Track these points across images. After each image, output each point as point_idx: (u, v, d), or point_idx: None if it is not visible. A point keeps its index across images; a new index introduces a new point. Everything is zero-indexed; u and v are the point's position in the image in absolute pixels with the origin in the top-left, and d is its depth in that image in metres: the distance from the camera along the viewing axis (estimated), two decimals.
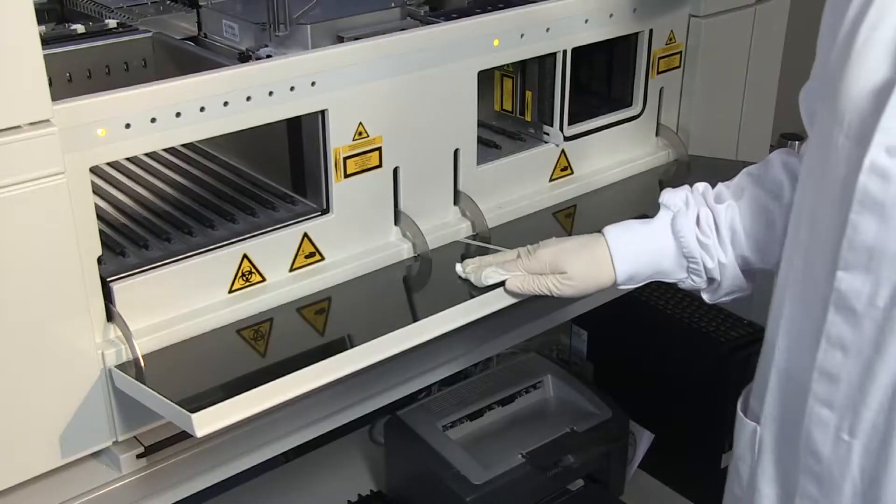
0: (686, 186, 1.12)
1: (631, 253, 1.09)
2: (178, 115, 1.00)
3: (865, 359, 0.85)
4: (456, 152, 1.26)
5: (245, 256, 1.10)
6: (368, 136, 1.15)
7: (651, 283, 1.12)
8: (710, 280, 1.10)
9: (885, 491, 0.86)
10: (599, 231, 1.11)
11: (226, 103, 1.03)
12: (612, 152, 1.48)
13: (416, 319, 1.08)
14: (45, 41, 1.03)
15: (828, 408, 0.90)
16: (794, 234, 0.96)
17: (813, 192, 0.92)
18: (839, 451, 0.89)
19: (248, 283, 1.11)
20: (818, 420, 0.91)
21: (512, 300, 1.13)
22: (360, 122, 1.14)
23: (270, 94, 1.06)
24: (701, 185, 1.11)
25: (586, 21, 1.34)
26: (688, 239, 1.08)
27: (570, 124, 1.40)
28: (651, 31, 1.45)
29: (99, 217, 0.99)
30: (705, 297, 1.13)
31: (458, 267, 1.15)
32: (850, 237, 0.83)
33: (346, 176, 1.15)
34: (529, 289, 1.10)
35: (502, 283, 1.11)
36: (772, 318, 1.01)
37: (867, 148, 0.81)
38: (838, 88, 0.85)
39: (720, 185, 1.12)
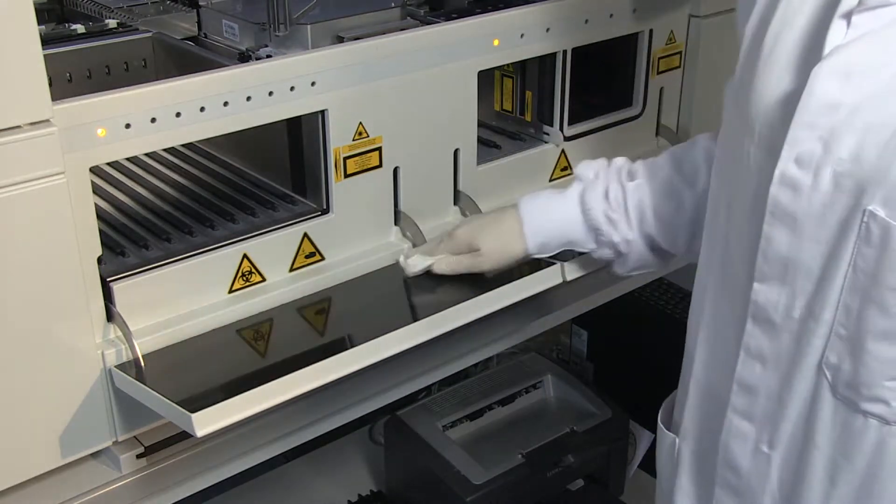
0: (603, 160, 1.13)
1: (541, 224, 1.12)
2: (178, 115, 1.00)
3: (783, 371, 0.83)
4: (456, 152, 1.26)
5: (245, 256, 1.10)
6: (368, 136, 1.15)
7: (651, 283, 1.12)
8: (619, 253, 1.12)
9: (804, 502, 0.85)
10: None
11: (226, 103, 1.03)
12: (612, 152, 1.46)
13: (416, 319, 1.08)
14: (45, 41, 1.03)
15: (747, 420, 0.88)
16: (710, 239, 0.94)
17: (725, 198, 0.89)
18: (758, 464, 0.88)
19: (248, 283, 1.11)
20: (737, 432, 0.89)
21: (512, 300, 1.13)
22: (360, 122, 1.14)
23: (270, 94, 1.06)
24: (619, 160, 1.13)
25: (586, 21, 1.34)
26: (595, 212, 1.10)
27: (570, 124, 1.40)
28: (651, 31, 1.45)
29: (99, 217, 0.99)
30: (614, 269, 1.15)
31: (401, 259, 1.18)
32: (765, 249, 0.81)
33: (346, 176, 1.15)
34: (453, 269, 1.14)
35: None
36: (691, 326, 0.98)
37: (777, 159, 0.79)
38: (748, 97, 0.83)
39: (639, 162, 1.13)
